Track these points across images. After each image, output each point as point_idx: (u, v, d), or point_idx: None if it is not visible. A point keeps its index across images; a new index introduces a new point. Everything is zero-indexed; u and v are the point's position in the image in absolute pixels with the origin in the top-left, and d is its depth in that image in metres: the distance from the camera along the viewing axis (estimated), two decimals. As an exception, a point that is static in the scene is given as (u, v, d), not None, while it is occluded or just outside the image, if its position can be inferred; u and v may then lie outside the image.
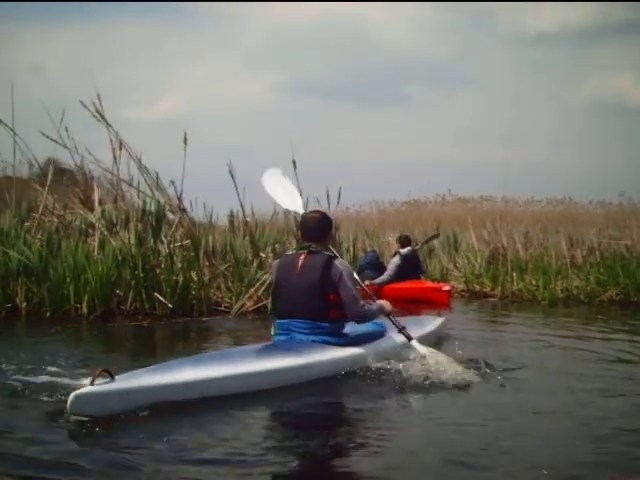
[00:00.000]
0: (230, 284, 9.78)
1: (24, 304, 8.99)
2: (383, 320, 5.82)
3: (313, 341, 5.21)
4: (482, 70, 44.05)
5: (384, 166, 27.27)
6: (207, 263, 9.69)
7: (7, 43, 34.00)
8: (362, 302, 5.44)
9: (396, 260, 11.33)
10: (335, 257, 5.47)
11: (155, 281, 9.28)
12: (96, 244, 9.61)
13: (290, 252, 5.83)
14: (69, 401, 3.87)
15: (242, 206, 10.22)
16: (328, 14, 38.95)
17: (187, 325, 8.73)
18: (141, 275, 9.19)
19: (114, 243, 9.42)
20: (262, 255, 10.00)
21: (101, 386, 3.98)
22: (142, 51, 37.61)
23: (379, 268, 11.39)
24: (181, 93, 37.80)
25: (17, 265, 9.10)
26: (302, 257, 5.40)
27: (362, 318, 5.44)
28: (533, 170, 29.09)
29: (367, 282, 10.57)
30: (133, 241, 9.38)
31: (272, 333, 5.46)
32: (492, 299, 11.59)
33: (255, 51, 39.16)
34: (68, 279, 9.03)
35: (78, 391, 3.91)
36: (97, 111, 9.96)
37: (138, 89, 35.52)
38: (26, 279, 9.04)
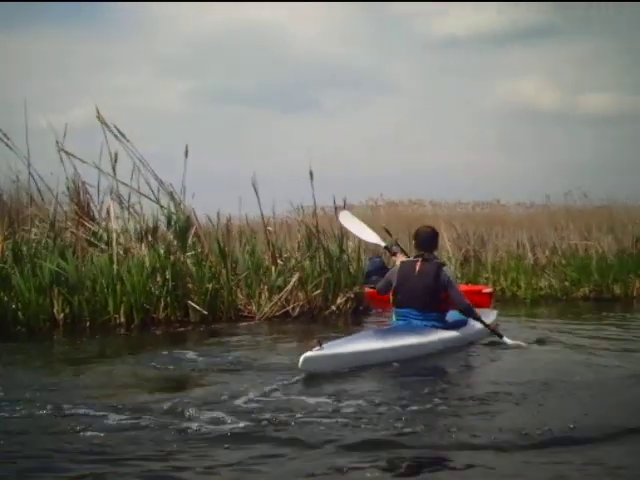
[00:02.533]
0: (250, 290, 10.56)
1: (61, 315, 9.51)
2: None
3: (425, 325, 7.07)
4: (396, 75, 45.78)
5: (302, 171, 28.21)
6: (229, 270, 10.44)
7: None
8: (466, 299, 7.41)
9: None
10: (443, 265, 7.42)
11: (185, 289, 10.00)
12: (114, 255, 10.15)
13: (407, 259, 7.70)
14: (300, 361, 5.68)
15: (262, 215, 11.02)
16: (243, 21, 39.58)
17: (225, 330, 9.43)
18: (171, 284, 9.88)
19: (143, 254, 10.06)
20: (280, 262, 10.84)
21: (316, 352, 5.78)
22: (59, 59, 36.97)
23: (385, 274, 12.35)
24: (97, 100, 37.40)
25: (50, 277, 9.61)
26: (419, 263, 7.25)
27: (466, 310, 7.35)
28: (453, 173, 30.90)
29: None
30: (162, 252, 10.05)
31: (394, 319, 7.36)
32: (477, 299, 12.78)
33: (170, 59, 39.29)
34: (106, 290, 9.62)
35: (305, 355, 5.71)
36: (114, 126, 10.65)
37: (54, 96, 34.97)
38: (62, 290, 9.56)
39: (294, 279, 10.43)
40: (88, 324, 9.48)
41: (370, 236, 8.96)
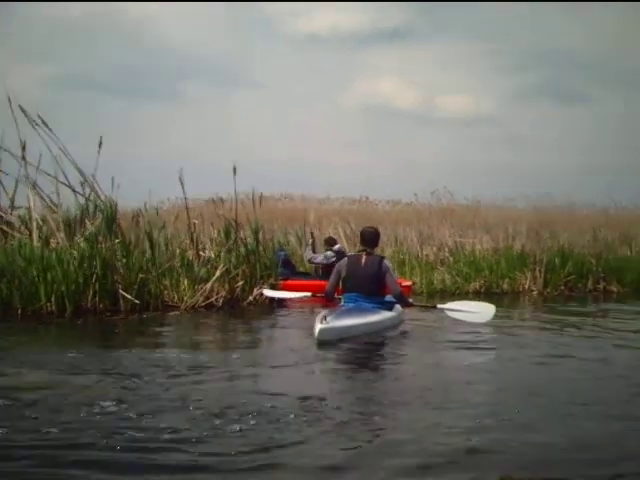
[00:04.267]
0: (175, 281, 10.98)
1: (-9, 302, 9.63)
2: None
3: (373, 307, 8.76)
4: (259, 70, 46.77)
5: (162, 163, 28.12)
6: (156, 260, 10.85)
7: None
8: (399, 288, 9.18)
9: (331, 253, 12.72)
10: (383, 257, 9.17)
11: (114, 279, 10.32)
12: (35, 243, 10.37)
13: (354, 253, 9.67)
14: (317, 332, 7.65)
15: (187, 208, 11.49)
16: (103, 8, 39.03)
17: (152, 320, 9.80)
18: (100, 273, 10.19)
19: (70, 243, 10.32)
20: (202, 254, 11.33)
21: (325, 325, 7.73)
22: None
23: (290, 266, 13.03)
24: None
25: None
26: (364, 257, 8.93)
27: (398, 297, 9.03)
28: (321, 169, 32.03)
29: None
30: (84, 242, 10.32)
31: (341, 302, 8.95)
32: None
33: (28, 44, 38.13)
34: (37, 278, 9.81)
35: (319, 327, 7.65)
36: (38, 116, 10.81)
37: None
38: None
39: (219, 272, 10.96)
40: (19, 312, 9.66)
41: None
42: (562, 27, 44.81)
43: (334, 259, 12.46)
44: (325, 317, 7.80)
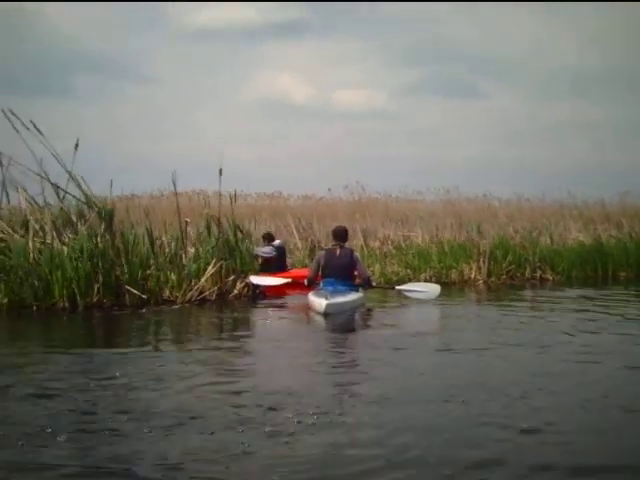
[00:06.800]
0: (170, 276, 11.63)
1: (5, 300, 10.15)
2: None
3: (347, 289, 10.75)
4: (153, 64, 46.87)
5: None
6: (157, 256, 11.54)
7: None
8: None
9: (271, 248, 13.89)
10: (353, 250, 11.58)
11: (117, 275, 10.92)
12: (30, 243, 10.84)
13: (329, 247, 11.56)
14: (324, 307, 9.79)
15: (178, 206, 12.16)
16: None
17: (165, 313, 10.52)
18: (104, 270, 10.78)
19: (74, 242, 10.84)
20: (190, 250, 12.03)
21: (329, 300, 9.85)
22: None
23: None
24: None
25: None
26: (338, 249, 11.08)
27: (367, 280, 11.30)
28: (231, 163, 32.59)
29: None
30: (86, 239, 10.86)
31: (320, 285, 10.82)
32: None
33: None
34: (49, 276, 10.35)
35: (326, 302, 9.79)
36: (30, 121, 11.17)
37: None
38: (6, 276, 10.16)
39: (212, 267, 11.72)
40: (35, 309, 10.26)
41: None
42: (453, 24, 47.02)
43: (275, 253, 13.64)
44: (327, 296, 9.96)
